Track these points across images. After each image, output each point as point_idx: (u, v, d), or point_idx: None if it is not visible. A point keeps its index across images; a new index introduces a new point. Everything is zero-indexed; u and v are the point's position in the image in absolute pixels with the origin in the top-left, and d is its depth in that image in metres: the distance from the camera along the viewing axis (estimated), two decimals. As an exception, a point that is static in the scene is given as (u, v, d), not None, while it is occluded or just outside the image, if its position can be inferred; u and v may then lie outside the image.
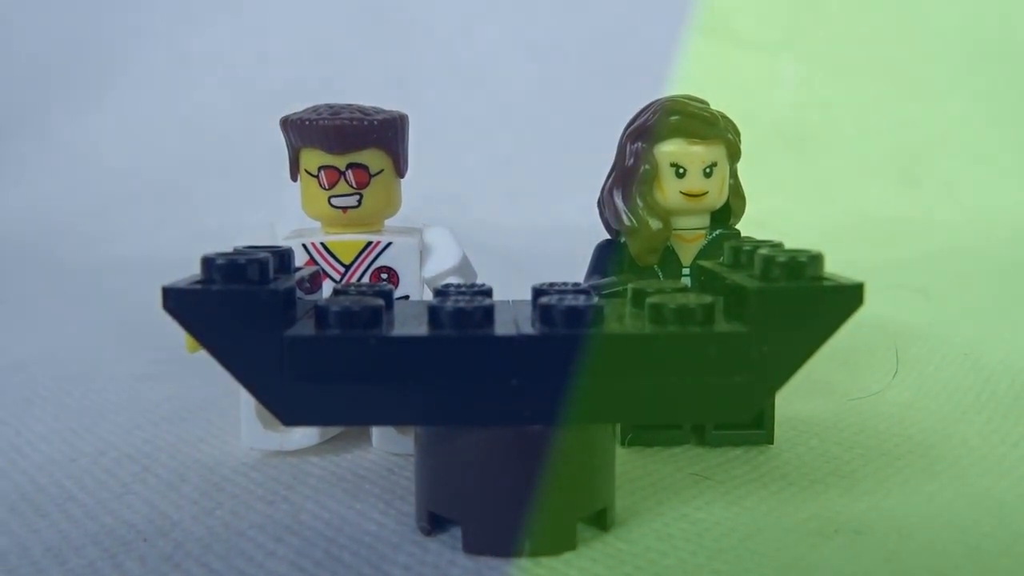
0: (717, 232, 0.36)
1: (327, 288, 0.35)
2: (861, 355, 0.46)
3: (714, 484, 0.30)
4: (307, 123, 0.33)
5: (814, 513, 0.28)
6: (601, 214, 0.37)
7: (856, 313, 0.57)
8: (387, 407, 0.24)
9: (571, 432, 0.25)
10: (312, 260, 0.34)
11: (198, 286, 0.24)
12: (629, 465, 0.32)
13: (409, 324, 0.25)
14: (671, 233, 0.35)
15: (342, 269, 0.34)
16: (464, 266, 0.36)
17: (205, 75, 1.11)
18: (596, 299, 0.25)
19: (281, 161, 0.36)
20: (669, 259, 0.35)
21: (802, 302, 0.24)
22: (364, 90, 1.09)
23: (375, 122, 0.33)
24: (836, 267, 0.26)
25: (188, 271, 0.25)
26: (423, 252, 0.35)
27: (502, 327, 0.24)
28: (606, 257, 0.36)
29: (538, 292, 0.27)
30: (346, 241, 0.34)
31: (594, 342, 0.24)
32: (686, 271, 0.35)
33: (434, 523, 0.26)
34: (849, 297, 0.24)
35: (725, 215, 0.36)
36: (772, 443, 0.34)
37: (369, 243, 0.34)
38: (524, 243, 0.94)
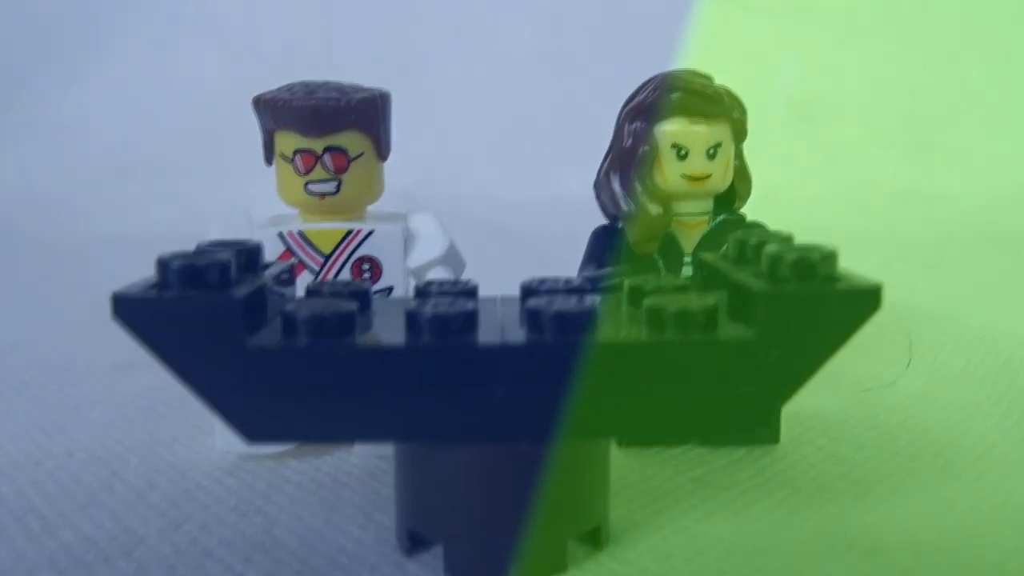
0: (721, 218, 0.33)
1: (306, 279, 0.33)
2: (870, 339, 0.44)
3: (716, 491, 0.28)
4: (280, 103, 0.31)
5: (824, 526, 0.26)
6: (598, 197, 0.34)
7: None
8: (361, 423, 0.22)
9: (563, 446, 0.23)
10: (289, 250, 0.32)
11: (152, 293, 0.21)
12: (626, 469, 0.30)
13: (386, 330, 0.23)
14: (672, 219, 0.32)
15: (321, 259, 0.32)
16: (451, 255, 0.33)
17: (197, 43, 1.08)
18: (588, 301, 0.22)
19: None
20: (670, 247, 0.33)
21: (814, 306, 0.22)
22: (359, 58, 1.07)
23: (353, 101, 0.31)
24: (843, 239, 0.24)
25: (184, 245, 0.23)
26: (407, 240, 0.33)
27: (486, 334, 0.22)
28: (602, 244, 0.33)
29: (527, 291, 0.25)
30: (325, 230, 0.32)
31: (586, 351, 0.22)
32: (688, 259, 0.33)
33: (415, 542, 0.24)
34: (865, 300, 0.22)
35: (729, 198, 0.34)
36: (778, 442, 0.32)
37: (349, 231, 0.32)
38: (523, 218, 0.92)
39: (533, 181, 1.00)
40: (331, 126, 0.31)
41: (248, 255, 0.25)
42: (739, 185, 0.34)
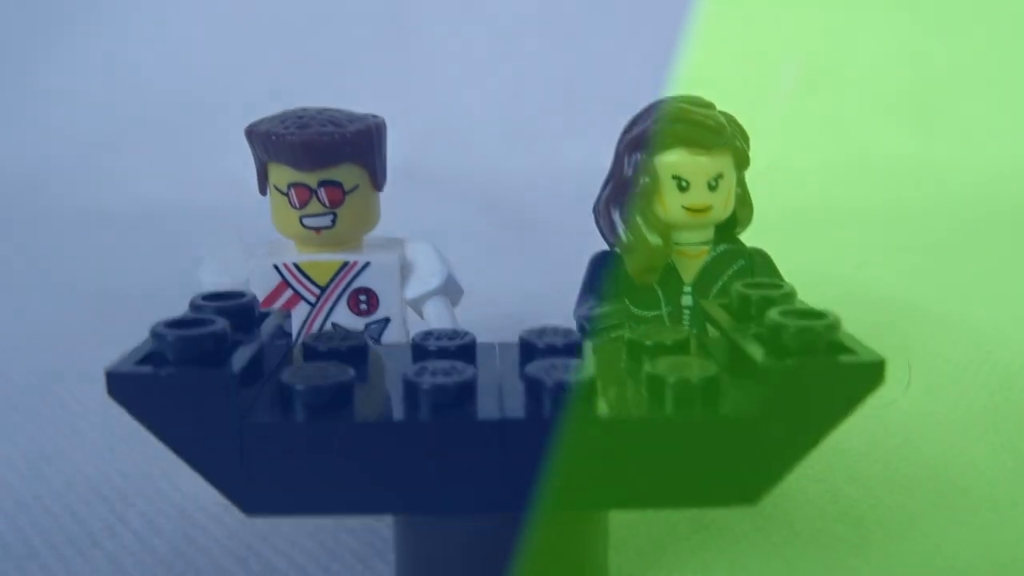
0: (722, 248, 0.33)
1: (302, 310, 0.32)
2: (869, 342, 0.44)
3: (714, 534, 0.28)
4: (273, 137, 0.30)
5: (821, 578, 0.26)
6: (597, 223, 0.34)
7: (864, 289, 0.54)
8: (359, 496, 0.22)
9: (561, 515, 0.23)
10: (285, 282, 0.32)
11: (146, 369, 0.21)
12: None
13: (383, 397, 0.23)
14: (672, 250, 0.32)
15: (318, 291, 0.32)
16: (449, 285, 0.33)
17: (185, 10, 1.05)
18: (587, 368, 0.22)
19: (273, 102, 0.32)
20: (669, 277, 0.33)
21: (817, 381, 0.22)
22: (358, 27, 1.05)
23: (348, 135, 0.30)
24: (845, 216, 0.23)
25: (178, 220, 0.23)
26: (404, 270, 0.33)
27: (485, 403, 0.22)
28: (601, 273, 0.33)
29: (526, 347, 0.25)
30: (321, 262, 0.32)
31: (586, 425, 0.22)
32: (687, 289, 0.33)
33: (415, 602, 0.25)
34: (869, 374, 0.22)
35: (730, 224, 0.34)
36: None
37: (346, 263, 0.32)
38: (525, 189, 0.91)
39: (533, 152, 0.99)
40: (325, 160, 0.30)
41: (243, 311, 0.25)
42: (740, 212, 0.33)
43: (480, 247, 0.74)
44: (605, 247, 0.34)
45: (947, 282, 0.59)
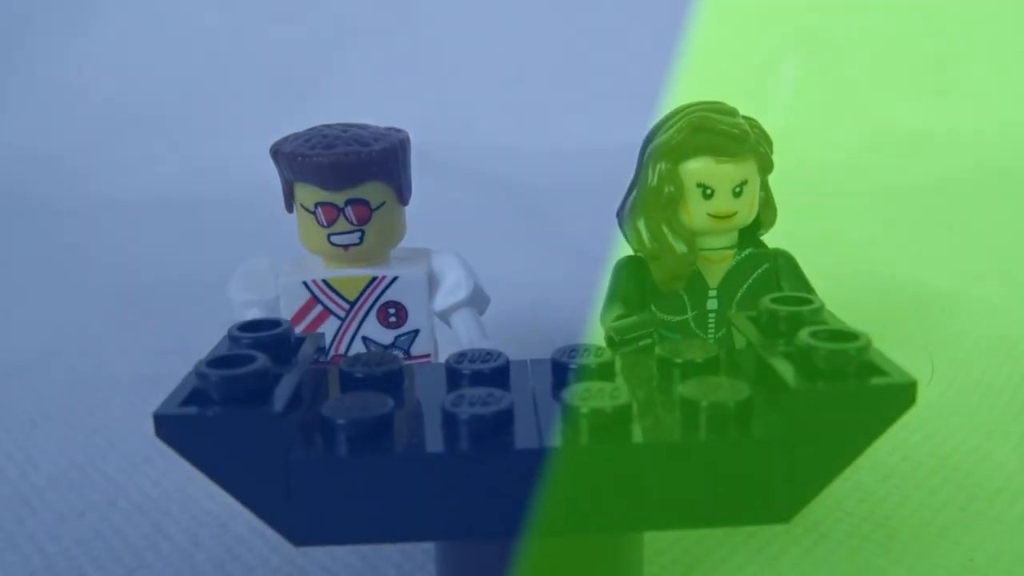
0: (747, 252, 0.33)
1: (332, 324, 0.33)
2: (891, 338, 0.44)
3: (745, 539, 0.29)
4: (299, 158, 0.30)
5: (851, 583, 0.27)
6: (621, 227, 0.34)
7: (879, 270, 0.54)
8: (403, 524, 0.23)
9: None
10: (315, 298, 0.32)
11: (192, 411, 0.22)
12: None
13: (422, 426, 0.23)
14: (697, 257, 0.32)
15: (347, 306, 0.32)
16: (476, 296, 0.33)
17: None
18: (622, 397, 0.23)
19: (277, 85, 0.33)
20: (695, 282, 0.33)
21: (849, 404, 0.22)
22: (361, 5, 1.03)
23: (374, 153, 0.30)
24: (858, 192, 0.23)
25: (183, 210, 0.23)
26: (432, 281, 0.33)
27: (522, 432, 0.23)
28: (626, 280, 0.33)
29: (558, 367, 0.26)
30: (350, 277, 0.32)
31: (622, 451, 0.22)
32: (712, 293, 0.33)
33: (458, 620, 0.25)
34: (900, 396, 0.22)
35: (754, 226, 0.34)
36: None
37: (374, 278, 0.32)
38: (533, 169, 0.91)
39: (542, 127, 0.99)
40: (352, 181, 0.30)
41: (279, 341, 0.25)
42: (764, 215, 0.33)
43: (489, 229, 0.74)
44: (616, 232, 0.34)
45: (963, 260, 0.59)
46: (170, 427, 0.22)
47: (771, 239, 0.35)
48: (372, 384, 0.25)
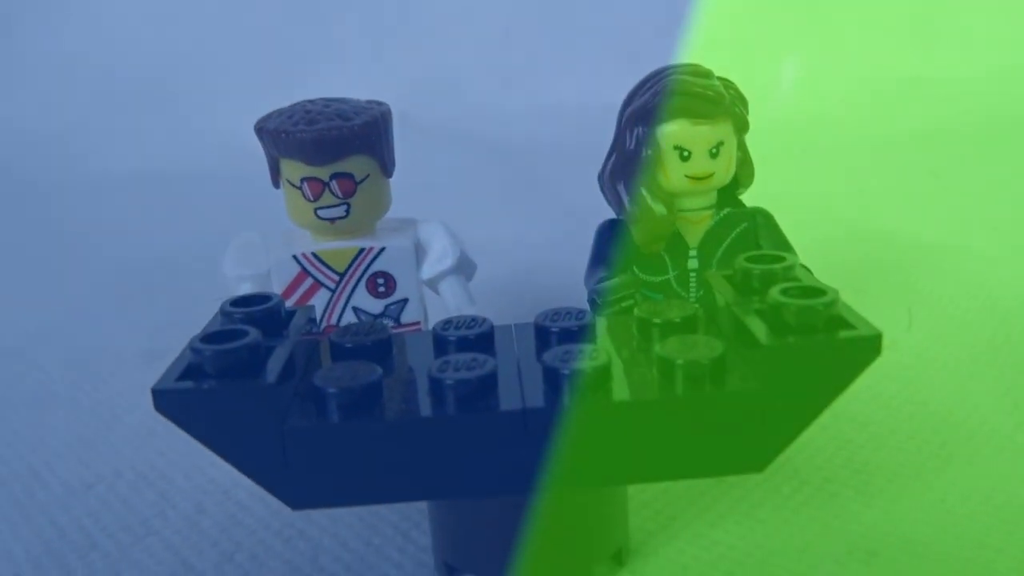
0: (725, 211, 0.34)
1: (323, 295, 0.34)
2: (873, 288, 0.45)
3: (727, 488, 0.30)
4: (284, 135, 0.31)
5: (827, 527, 0.28)
6: (602, 192, 0.35)
7: (868, 224, 0.54)
8: (394, 486, 0.24)
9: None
10: (305, 271, 0.33)
11: (188, 385, 0.23)
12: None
13: (410, 391, 0.24)
14: (676, 219, 0.33)
15: (336, 278, 0.33)
16: (462, 263, 0.34)
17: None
18: (601, 356, 0.24)
19: (264, 53, 0.33)
20: (675, 242, 0.34)
21: (817, 357, 0.23)
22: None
23: (356, 127, 0.31)
24: (846, 141, 0.24)
25: (173, 185, 0.24)
26: (419, 251, 0.34)
27: (506, 394, 0.24)
28: (609, 242, 0.34)
29: (541, 331, 0.26)
30: (338, 249, 0.33)
31: (602, 409, 0.23)
32: (692, 252, 0.34)
33: (452, 571, 0.27)
34: (867, 348, 0.23)
35: (732, 186, 0.34)
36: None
37: (362, 250, 0.33)
38: (522, 130, 0.91)
39: (530, 88, 0.99)
40: (336, 155, 0.31)
41: (271, 315, 0.26)
42: (741, 174, 0.34)
43: (477, 192, 0.74)
44: (599, 192, 0.34)
45: (947, 209, 0.60)
46: (168, 401, 0.23)
47: (757, 194, 0.36)
48: (362, 353, 0.26)
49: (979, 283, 0.45)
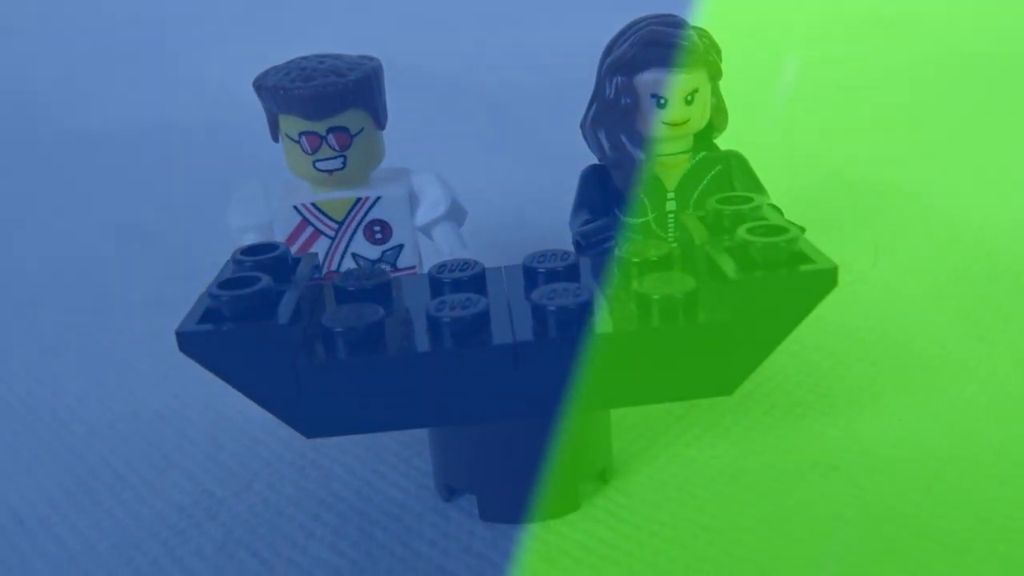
0: (701, 155, 0.36)
1: (324, 243, 0.36)
2: (843, 226, 0.48)
3: (703, 412, 0.33)
4: (281, 91, 0.33)
5: (793, 445, 0.31)
6: (585, 139, 0.37)
7: (838, 166, 0.56)
8: (398, 415, 0.26)
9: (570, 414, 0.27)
10: (305, 220, 0.35)
11: (208, 327, 0.25)
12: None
13: (410, 328, 0.27)
14: (655, 163, 0.35)
15: (335, 226, 0.35)
16: (454, 210, 0.36)
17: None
18: (585, 294, 0.26)
19: (252, 4, 0.35)
20: (653, 186, 0.36)
21: (780, 289, 0.25)
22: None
23: (350, 83, 0.33)
24: (822, 83, 0.25)
25: (170, 139, 0.25)
26: (412, 199, 0.36)
27: (498, 330, 0.26)
28: (592, 187, 0.36)
29: (529, 272, 0.29)
30: (336, 200, 0.35)
31: (587, 342, 0.25)
32: (671, 195, 0.36)
33: (452, 491, 0.29)
34: (824, 280, 0.25)
35: (707, 131, 0.36)
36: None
37: (359, 199, 0.35)
38: (509, 79, 0.92)
39: (516, 35, 0.99)
40: (332, 109, 0.33)
41: (278, 262, 0.28)
42: (716, 120, 0.36)
43: (466, 140, 0.76)
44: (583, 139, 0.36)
45: (919, 146, 0.62)
46: (191, 343, 0.25)
47: (736, 137, 0.37)
48: (364, 296, 0.28)
49: (945, 219, 0.47)
